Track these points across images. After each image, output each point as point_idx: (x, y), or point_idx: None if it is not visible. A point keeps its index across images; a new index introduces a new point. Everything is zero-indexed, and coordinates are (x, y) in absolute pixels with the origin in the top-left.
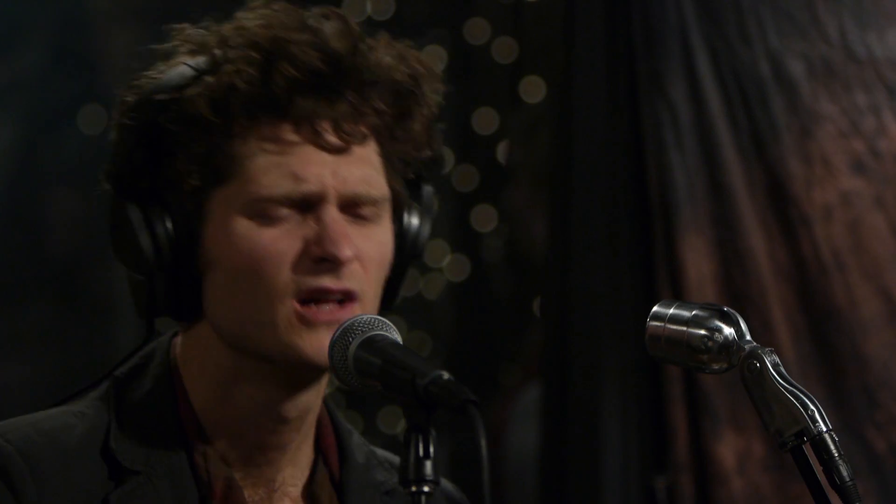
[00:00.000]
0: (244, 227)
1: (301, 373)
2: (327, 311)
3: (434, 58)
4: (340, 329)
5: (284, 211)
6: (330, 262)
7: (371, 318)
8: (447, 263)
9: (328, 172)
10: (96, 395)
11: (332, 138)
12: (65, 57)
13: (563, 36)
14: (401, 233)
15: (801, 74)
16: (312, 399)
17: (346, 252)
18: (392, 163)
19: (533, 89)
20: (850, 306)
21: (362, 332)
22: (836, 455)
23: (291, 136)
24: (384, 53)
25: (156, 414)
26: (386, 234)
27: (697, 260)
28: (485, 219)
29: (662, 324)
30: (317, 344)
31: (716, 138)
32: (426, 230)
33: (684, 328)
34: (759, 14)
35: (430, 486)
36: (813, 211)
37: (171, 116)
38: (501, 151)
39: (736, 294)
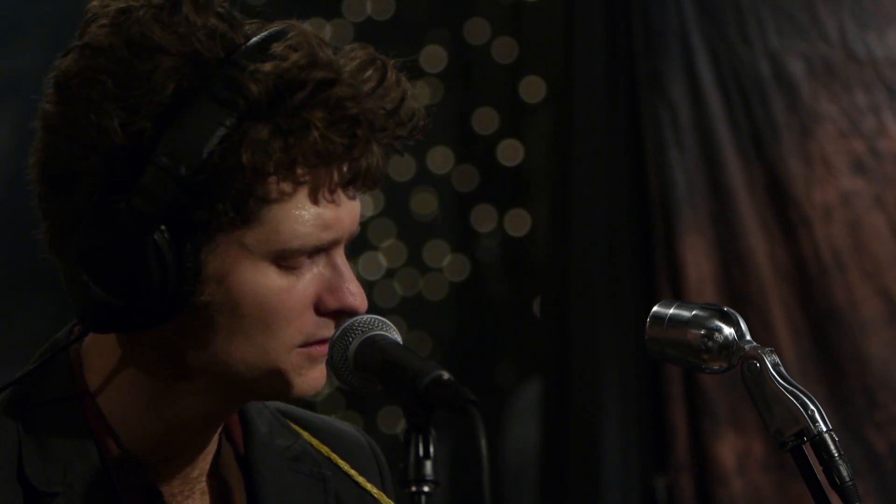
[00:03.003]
0: (263, 272)
1: (275, 398)
2: (322, 345)
3: (434, 58)
4: (340, 329)
5: (306, 260)
6: (346, 315)
7: (371, 318)
8: (447, 263)
9: (349, 219)
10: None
11: (359, 186)
12: None
13: (563, 36)
14: None
15: (801, 74)
16: None
17: (363, 304)
18: None
19: (533, 89)
20: (850, 306)
21: (362, 332)
22: (836, 455)
23: (335, 188)
24: (403, 91)
25: (67, 426)
26: None
27: (697, 260)
28: (485, 219)
29: (662, 324)
30: (313, 379)
31: (716, 138)
32: None
33: (684, 328)
34: (759, 14)
35: (430, 486)
36: (813, 211)
37: (223, 159)
38: (501, 151)
39: (736, 294)
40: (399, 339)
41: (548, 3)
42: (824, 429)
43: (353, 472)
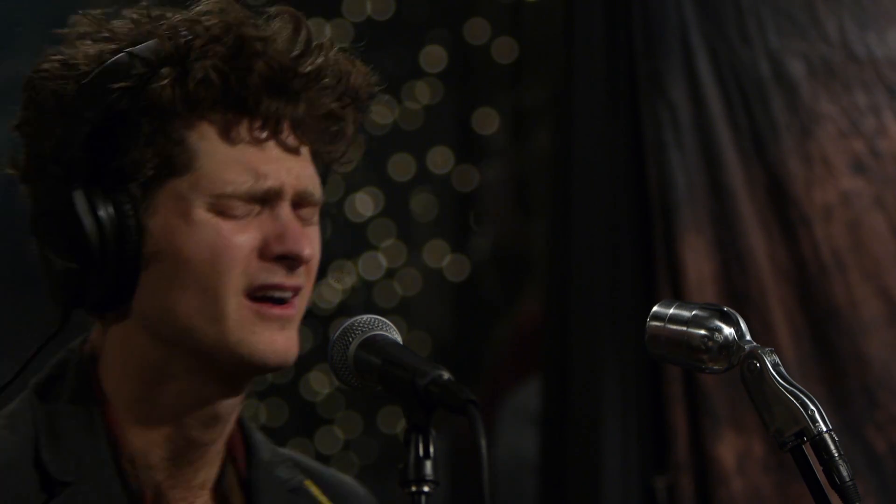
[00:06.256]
0: (203, 218)
1: (243, 372)
2: (279, 307)
3: (434, 58)
4: (340, 329)
5: (243, 206)
6: (289, 260)
7: (371, 318)
8: (447, 263)
9: (285, 170)
10: (17, 405)
11: (291, 138)
12: None
13: (563, 36)
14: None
15: (801, 74)
16: (242, 397)
17: (306, 250)
18: (317, 166)
19: (533, 89)
20: (850, 306)
21: (362, 332)
22: (836, 455)
23: (256, 133)
24: (332, 55)
25: (81, 421)
26: (318, 237)
27: (697, 260)
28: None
29: (662, 324)
30: (269, 340)
31: (716, 138)
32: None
33: (684, 328)
34: (759, 14)
35: (430, 486)
36: (813, 211)
37: (131, 105)
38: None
39: (736, 294)
40: (399, 339)
41: (548, 3)
42: (824, 429)
43: None
